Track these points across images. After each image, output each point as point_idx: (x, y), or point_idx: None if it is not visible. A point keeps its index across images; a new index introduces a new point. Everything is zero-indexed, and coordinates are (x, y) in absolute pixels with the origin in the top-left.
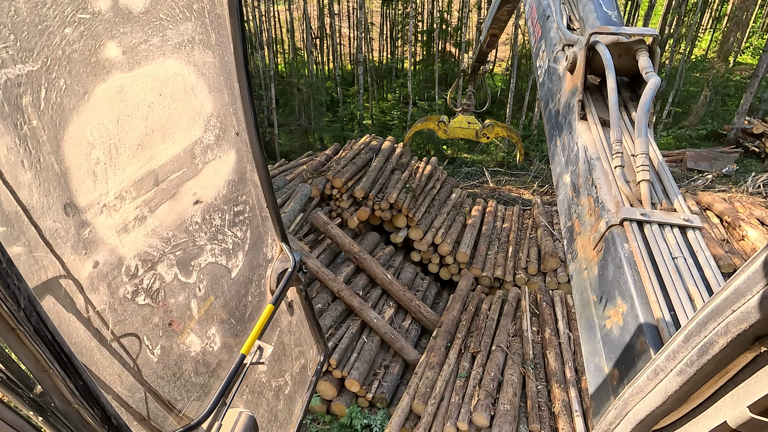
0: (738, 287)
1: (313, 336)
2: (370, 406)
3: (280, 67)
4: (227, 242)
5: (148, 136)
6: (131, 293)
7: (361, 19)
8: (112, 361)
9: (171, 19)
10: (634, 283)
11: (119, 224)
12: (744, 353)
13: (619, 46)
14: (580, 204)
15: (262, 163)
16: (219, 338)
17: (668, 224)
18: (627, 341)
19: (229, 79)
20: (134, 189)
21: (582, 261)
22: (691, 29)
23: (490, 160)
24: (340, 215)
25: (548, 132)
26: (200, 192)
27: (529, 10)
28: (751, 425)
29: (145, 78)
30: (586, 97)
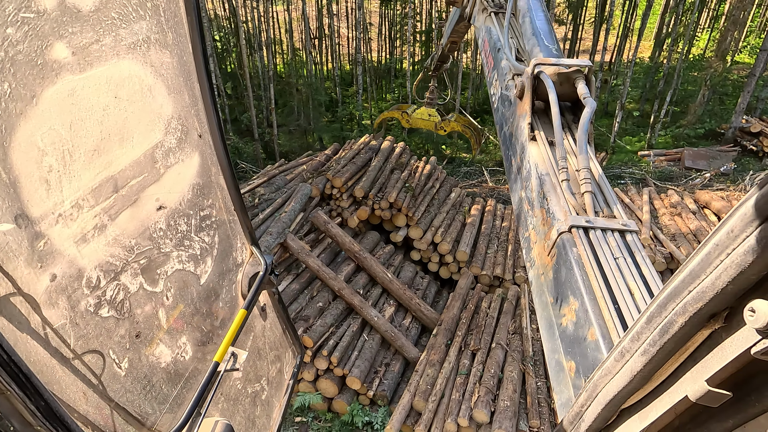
0: (693, 269)
1: (288, 339)
2: (371, 404)
3: (279, 67)
4: (194, 248)
5: (104, 141)
6: (94, 306)
7: (359, 19)
8: (76, 378)
9: (124, 17)
10: (583, 282)
11: (77, 234)
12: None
13: (560, 76)
14: (534, 216)
15: (228, 165)
16: (190, 347)
17: (609, 229)
18: (580, 334)
19: (189, 80)
20: (92, 197)
21: (539, 267)
22: (689, 28)
23: (489, 159)
24: (340, 215)
25: (504, 153)
26: (163, 197)
27: (482, 43)
28: (709, 397)
29: (99, 80)
30: (535, 121)
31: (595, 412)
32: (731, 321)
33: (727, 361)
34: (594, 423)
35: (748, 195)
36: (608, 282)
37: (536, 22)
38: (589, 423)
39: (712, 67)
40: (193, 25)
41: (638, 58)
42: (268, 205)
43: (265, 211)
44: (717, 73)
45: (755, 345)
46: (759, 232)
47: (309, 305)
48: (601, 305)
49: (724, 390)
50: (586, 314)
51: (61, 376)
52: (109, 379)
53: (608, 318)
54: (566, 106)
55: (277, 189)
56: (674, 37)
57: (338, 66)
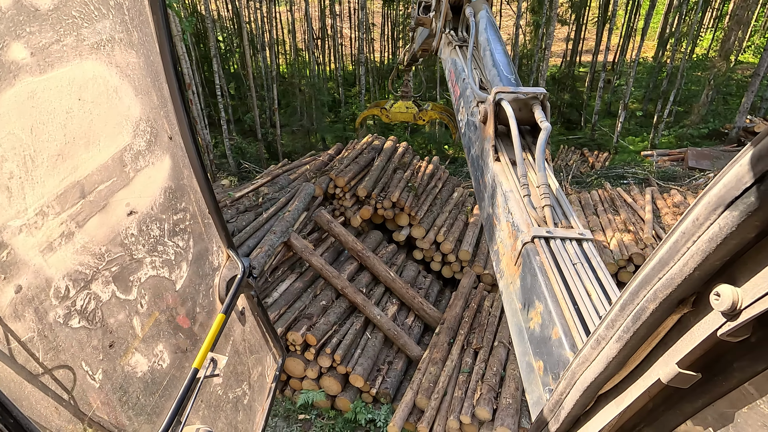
0: (662, 257)
1: (269, 342)
2: (374, 402)
3: (281, 68)
4: (168, 253)
5: (68, 145)
6: (63, 317)
7: (362, 19)
8: (47, 393)
9: (85, 16)
10: (546, 286)
11: (43, 243)
12: (670, 316)
13: (519, 102)
14: (501, 229)
15: (200, 167)
16: (168, 354)
17: (568, 238)
18: (545, 334)
19: (157, 80)
20: (57, 203)
21: (507, 277)
22: (692, 28)
23: None
24: (343, 214)
25: (472, 173)
26: (134, 202)
27: (449, 74)
28: (680, 379)
29: (61, 81)
30: (498, 143)
31: (574, 398)
32: (699, 306)
33: (696, 343)
34: (573, 409)
35: (710, 185)
36: (568, 285)
37: (496, 55)
38: (568, 410)
39: (715, 67)
40: (160, 24)
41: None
42: (272, 204)
43: (269, 210)
44: (721, 72)
45: (721, 327)
46: (721, 219)
47: (312, 303)
48: (562, 306)
49: (694, 371)
50: (550, 315)
51: (31, 392)
52: (83, 391)
53: (569, 317)
54: (526, 129)
55: (280, 188)
56: (678, 37)
57: (341, 66)
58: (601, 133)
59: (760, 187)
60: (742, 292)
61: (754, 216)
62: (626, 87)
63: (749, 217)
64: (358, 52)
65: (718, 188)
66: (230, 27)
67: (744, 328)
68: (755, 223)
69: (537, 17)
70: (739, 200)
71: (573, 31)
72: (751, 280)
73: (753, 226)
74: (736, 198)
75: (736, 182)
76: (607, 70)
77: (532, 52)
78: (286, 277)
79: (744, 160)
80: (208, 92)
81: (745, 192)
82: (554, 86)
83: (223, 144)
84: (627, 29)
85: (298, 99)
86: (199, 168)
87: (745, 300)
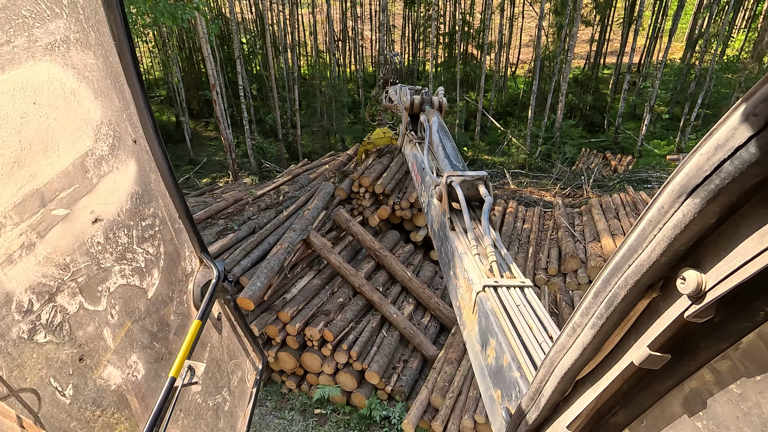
0: (631, 244)
1: (247, 346)
2: (389, 399)
3: (303, 69)
4: (138, 260)
5: (24, 152)
6: (27, 332)
7: (383, 21)
8: (13, 413)
9: (37, 16)
10: (497, 324)
11: (1, 255)
12: (641, 301)
13: (467, 183)
14: (460, 286)
15: (168, 170)
16: (143, 365)
17: (512, 286)
18: (499, 364)
19: (117, 82)
20: (15, 213)
21: (468, 325)
22: (723, 29)
23: (511, 162)
24: (361, 213)
25: (436, 245)
26: (99, 209)
27: (411, 165)
28: (651, 361)
29: (12, 85)
30: (453, 216)
31: (553, 386)
32: (666, 290)
33: (665, 326)
34: (552, 396)
35: (673, 174)
36: (513, 322)
37: (446, 149)
38: (547, 397)
39: (747, 69)
40: (118, 23)
41: (669, 59)
42: (292, 202)
43: (289, 208)
44: (753, 74)
45: (687, 309)
46: (684, 207)
47: (330, 300)
48: (509, 338)
49: (664, 353)
50: (501, 347)
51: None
52: (53, 408)
53: (515, 346)
54: (474, 204)
55: (300, 187)
56: (707, 38)
57: (361, 68)
58: (625, 136)
59: (719, 174)
60: (706, 275)
61: (714, 202)
62: (652, 89)
63: (710, 204)
64: (378, 53)
65: (681, 177)
66: (254, 29)
67: (708, 310)
68: (715, 210)
69: (560, 18)
70: (700, 188)
71: (597, 32)
72: (713, 263)
73: (713, 212)
74: (697, 186)
75: (696, 171)
76: (632, 72)
77: (554, 53)
78: (304, 273)
79: (704, 149)
80: (231, 93)
81: (705, 180)
82: (577, 88)
83: (245, 144)
84: (654, 30)
85: (319, 100)
86: (167, 171)
87: (709, 283)
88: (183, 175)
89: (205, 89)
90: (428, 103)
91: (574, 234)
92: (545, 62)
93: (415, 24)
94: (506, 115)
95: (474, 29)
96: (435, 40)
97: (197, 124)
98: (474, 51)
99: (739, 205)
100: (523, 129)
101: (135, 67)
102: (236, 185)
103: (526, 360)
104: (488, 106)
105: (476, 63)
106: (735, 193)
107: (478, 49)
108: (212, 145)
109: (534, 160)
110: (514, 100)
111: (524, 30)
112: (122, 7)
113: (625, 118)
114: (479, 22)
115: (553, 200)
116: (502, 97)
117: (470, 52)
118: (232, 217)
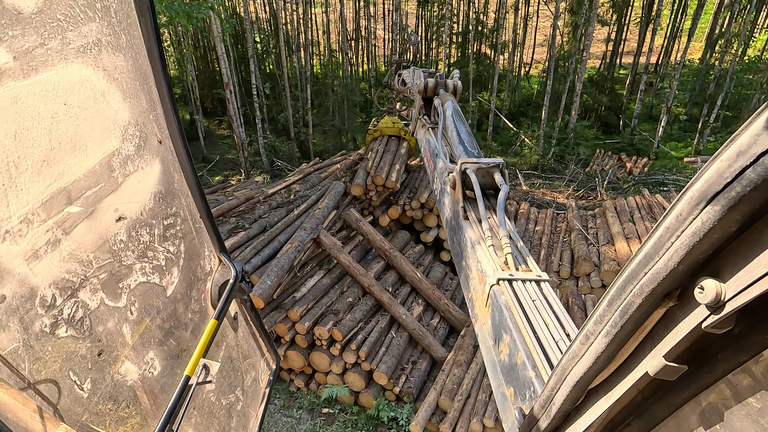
0: (647, 252)
1: (262, 346)
2: (397, 400)
3: (315, 68)
4: (159, 259)
5: (54, 151)
6: (50, 326)
7: (396, 21)
8: (33, 404)
9: (71, 19)
10: (511, 320)
11: (28, 251)
12: (657, 310)
13: (481, 170)
14: (473, 278)
15: (191, 171)
16: (159, 361)
17: (527, 280)
18: (513, 361)
19: (146, 83)
20: (43, 210)
21: (480, 318)
22: (745, 28)
23: (524, 163)
24: (372, 213)
25: (448, 234)
26: (123, 207)
27: (424, 151)
28: (666, 371)
29: (45, 86)
30: (466, 205)
31: (564, 394)
32: (683, 299)
33: (682, 336)
34: (563, 405)
35: (692, 180)
36: (529, 319)
37: (461, 135)
38: (559, 405)
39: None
40: (148, 27)
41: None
42: (303, 201)
43: (300, 206)
44: None
45: (705, 320)
46: (704, 214)
47: (339, 300)
48: (524, 335)
49: (680, 364)
50: (515, 344)
51: (16, 403)
52: (71, 402)
53: (530, 343)
54: (489, 192)
55: (311, 186)
56: (728, 38)
57: (374, 67)
58: (641, 138)
59: (741, 181)
60: (725, 285)
61: (734, 210)
62: (670, 90)
63: (730, 212)
64: (391, 53)
65: (700, 184)
66: (267, 28)
67: (727, 320)
68: (736, 218)
69: (575, 18)
70: (720, 195)
71: (614, 32)
72: (733, 273)
73: (734, 220)
74: (717, 193)
75: (717, 177)
76: (650, 73)
77: (569, 53)
78: (314, 272)
79: (725, 155)
80: (245, 92)
81: (725, 187)
82: (592, 89)
83: (257, 142)
84: (672, 30)
85: (331, 99)
86: (190, 171)
87: (728, 293)
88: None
89: (218, 88)
90: (442, 86)
91: (588, 237)
92: (560, 62)
93: (428, 23)
94: (519, 116)
95: (488, 29)
96: (448, 39)
97: (211, 122)
98: (487, 50)
99: (761, 213)
100: (536, 129)
101: (163, 69)
102: (248, 183)
103: (542, 359)
104: (501, 106)
105: (489, 63)
106: (757, 201)
107: (492, 48)
108: (225, 143)
109: (547, 161)
110: (528, 100)
111: (539, 29)
112: (153, 10)
113: (641, 119)
114: (493, 21)
115: (566, 202)
116: (516, 98)
117: (483, 52)
118: (244, 215)
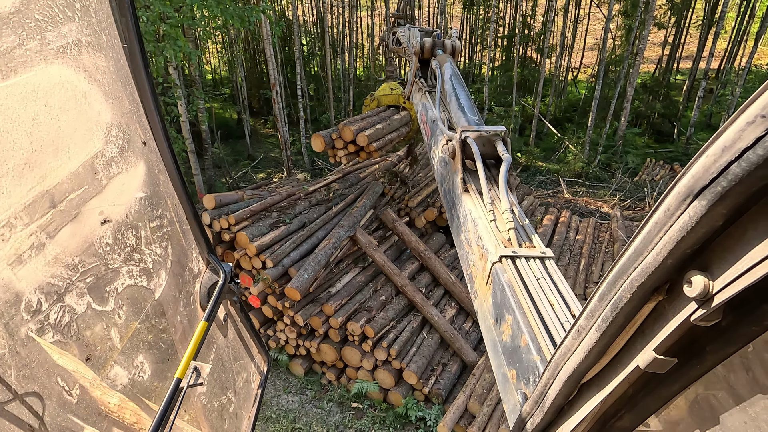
0: (637, 247)
1: (253, 348)
2: (426, 400)
3: (358, 71)
4: (146, 261)
5: (35, 153)
6: (36, 331)
7: (441, 24)
8: (21, 411)
9: (50, 19)
10: (514, 300)
11: (11, 256)
12: (647, 304)
13: (482, 138)
14: (473, 253)
15: (177, 172)
16: (149, 365)
17: (531, 257)
18: (516, 343)
19: (128, 84)
20: (26, 214)
21: (480, 296)
22: None
23: (567, 170)
24: (408, 214)
25: (446, 206)
26: (108, 210)
27: (420, 117)
28: (657, 365)
29: (25, 87)
30: (466, 176)
31: (557, 389)
32: (672, 293)
33: (671, 329)
34: (556, 399)
35: (680, 175)
36: (533, 298)
37: (461, 100)
38: (552, 399)
39: None
40: (129, 26)
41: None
42: (342, 199)
43: (338, 205)
44: None
45: (694, 313)
46: (691, 209)
47: (372, 298)
48: (528, 316)
49: (670, 356)
50: (518, 325)
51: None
52: (60, 408)
53: (534, 325)
54: (490, 162)
55: (350, 185)
56: None
57: None
58: (697, 147)
59: (726, 176)
60: (713, 278)
61: (720, 205)
62: (732, 97)
63: (716, 206)
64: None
65: (687, 179)
66: (314, 31)
67: (715, 313)
68: (722, 212)
69: (629, 20)
70: (707, 190)
71: (671, 35)
72: (720, 266)
73: (720, 214)
74: (703, 188)
75: (703, 172)
76: (710, 78)
77: (621, 57)
78: (349, 269)
79: (710, 151)
80: (290, 92)
81: (711, 182)
82: (645, 94)
83: (299, 142)
84: (737, 33)
85: None
86: (176, 173)
87: (716, 286)
88: (241, 169)
89: (265, 88)
90: (440, 46)
91: None
92: (610, 66)
93: (473, 26)
94: (565, 121)
95: (534, 32)
96: (493, 42)
97: (256, 122)
98: (533, 54)
99: (746, 207)
100: (582, 136)
101: (145, 69)
102: (290, 181)
103: (547, 342)
104: (546, 111)
105: (535, 66)
106: (742, 196)
107: (538, 52)
108: (269, 142)
109: (592, 168)
110: (574, 105)
111: (589, 32)
112: (134, 9)
113: (698, 127)
114: (541, 24)
115: (610, 212)
116: (561, 103)
117: (529, 56)
118: (285, 211)
